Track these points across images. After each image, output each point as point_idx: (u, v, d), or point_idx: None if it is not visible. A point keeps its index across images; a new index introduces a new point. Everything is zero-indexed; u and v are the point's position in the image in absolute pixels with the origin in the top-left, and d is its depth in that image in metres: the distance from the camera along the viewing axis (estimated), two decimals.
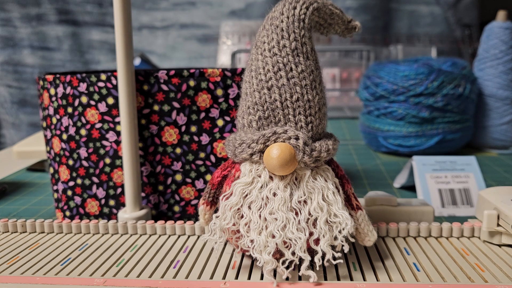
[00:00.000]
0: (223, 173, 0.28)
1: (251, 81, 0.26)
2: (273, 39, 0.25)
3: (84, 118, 0.35)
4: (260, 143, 0.24)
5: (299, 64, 0.25)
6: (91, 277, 0.26)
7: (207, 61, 1.11)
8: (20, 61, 1.15)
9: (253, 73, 0.26)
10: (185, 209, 0.37)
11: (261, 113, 0.25)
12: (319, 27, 0.28)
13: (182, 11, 1.11)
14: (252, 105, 0.25)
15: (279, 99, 0.25)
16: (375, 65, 0.65)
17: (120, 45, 0.33)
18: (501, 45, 0.61)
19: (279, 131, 0.24)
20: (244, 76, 0.27)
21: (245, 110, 0.26)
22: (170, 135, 0.35)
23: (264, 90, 0.25)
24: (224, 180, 0.28)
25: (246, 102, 0.26)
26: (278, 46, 0.25)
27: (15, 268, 0.27)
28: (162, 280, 0.25)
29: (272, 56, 0.25)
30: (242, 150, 0.25)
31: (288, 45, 0.25)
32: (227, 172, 0.27)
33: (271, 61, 0.25)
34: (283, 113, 0.25)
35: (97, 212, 0.37)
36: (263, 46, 0.25)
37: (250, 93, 0.26)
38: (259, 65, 0.25)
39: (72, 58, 1.14)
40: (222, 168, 0.28)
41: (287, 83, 0.25)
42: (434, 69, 0.58)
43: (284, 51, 0.25)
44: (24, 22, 1.12)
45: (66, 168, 0.37)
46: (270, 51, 0.25)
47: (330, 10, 0.27)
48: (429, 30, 1.04)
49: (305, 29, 0.25)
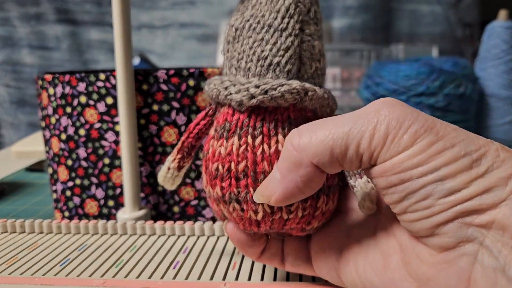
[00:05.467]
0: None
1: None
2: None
3: (83, 118, 0.35)
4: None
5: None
6: (90, 277, 0.25)
7: (206, 61, 1.11)
8: (18, 60, 1.14)
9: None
10: (184, 210, 0.36)
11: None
12: None
13: (181, 10, 1.11)
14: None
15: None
16: (376, 65, 0.64)
17: (119, 44, 0.33)
18: (503, 45, 0.61)
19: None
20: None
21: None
22: (169, 135, 0.35)
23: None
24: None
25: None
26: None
27: (14, 268, 0.27)
28: (162, 281, 0.25)
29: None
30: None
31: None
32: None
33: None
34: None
35: (96, 213, 0.37)
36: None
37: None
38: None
39: (71, 58, 1.14)
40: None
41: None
42: (435, 69, 0.58)
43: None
44: (23, 21, 1.12)
45: (65, 168, 0.36)
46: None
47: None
48: (430, 30, 1.03)
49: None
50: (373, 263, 0.20)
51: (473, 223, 0.17)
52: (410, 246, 0.19)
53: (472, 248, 0.17)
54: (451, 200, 0.17)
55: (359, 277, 0.21)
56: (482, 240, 0.16)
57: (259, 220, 0.21)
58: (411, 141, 0.18)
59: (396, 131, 0.18)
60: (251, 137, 0.21)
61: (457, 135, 0.18)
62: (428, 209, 0.17)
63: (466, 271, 0.17)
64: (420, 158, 0.17)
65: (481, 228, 0.17)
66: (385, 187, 0.18)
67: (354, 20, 1.02)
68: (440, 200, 0.17)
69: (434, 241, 0.18)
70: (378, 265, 0.20)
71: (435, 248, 0.18)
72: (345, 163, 0.19)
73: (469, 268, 0.17)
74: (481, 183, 0.17)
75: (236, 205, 0.21)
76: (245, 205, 0.21)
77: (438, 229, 0.17)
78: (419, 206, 0.18)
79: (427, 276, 0.18)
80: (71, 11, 1.12)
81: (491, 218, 0.16)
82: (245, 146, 0.21)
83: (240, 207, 0.21)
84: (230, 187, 0.21)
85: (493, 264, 0.16)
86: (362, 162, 0.19)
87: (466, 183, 0.17)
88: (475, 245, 0.17)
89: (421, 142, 0.17)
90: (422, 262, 0.18)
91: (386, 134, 0.18)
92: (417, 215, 0.18)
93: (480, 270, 0.16)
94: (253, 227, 0.22)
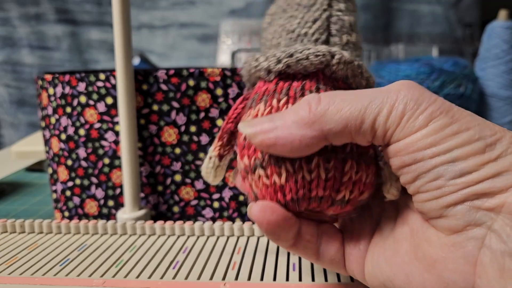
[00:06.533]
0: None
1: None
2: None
3: (83, 118, 0.35)
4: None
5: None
6: (90, 277, 0.25)
7: (206, 61, 1.11)
8: (18, 60, 1.14)
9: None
10: (184, 210, 0.36)
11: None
12: None
13: (181, 10, 1.11)
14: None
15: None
16: (376, 65, 0.64)
17: (119, 44, 0.33)
18: (503, 45, 0.61)
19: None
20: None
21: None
22: (169, 135, 0.35)
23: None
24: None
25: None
26: None
27: (14, 268, 0.27)
28: (162, 281, 0.25)
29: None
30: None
31: None
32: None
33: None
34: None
35: (96, 213, 0.36)
36: None
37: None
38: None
39: (71, 58, 1.14)
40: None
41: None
42: (435, 69, 0.57)
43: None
44: (23, 21, 1.12)
45: (65, 168, 0.36)
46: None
47: None
48: (430, 30, 1.03)
49: None
50: (387, 251, 0.20)
51: (482, 207, 0.17)
52: (421, 230, 0.19)
53: (480, 232, 0.17)
54: (462, 182, 0.17)
55: (374, 272, 0.20)
56: (491, 225, 0.17)
57: (283, 185, 0.20)
58: (426, 122, 0.18)
59: (413, 112, 0.18)
60: (276, 100, 0.21)
61: (472, 120, 0.18)
62: (439, 189, 0.18)
63: (473, 255, 0.17)
64: (433, 139, 0.17)
65: (490, 212, 0.17)
66: (399, 167, 0.19)
67: None
68: (450, 181, 0.17)
69: (443, 223, 0.18)
70: (389, 252, 0.20)
71: (444, 231, 0.18)
72: (357, 136, 0.19)
73: (476, 252, 0.17)
74: (493, 167, 0.17)
75: (261, 171, 0.20)
76: (269, 170, 0.20)
77: (448, 210, 0.17)
78: (431, 186, 0.18)
79: (434, 259, 0.18)
80: (71, 11, 1.12)
81: (500, 201, 0.16)
82: (269, 108, 0.21)
83: (265, 173, 0.20)
84: (254, 153, 0.20)
85: (501, 248, 0.16)
86: (374, 138, 0.19)
87: (478, 165, 0.17)
88: (483, 229, 0.17)
89: (435, 123, 0.18)
90: (430, 245, 0.18)
91: (403, 114, 0.18)
92: (428, 195, 0.18)
93: (488, 254, 0.16)
94: (279, 195, 0.20)
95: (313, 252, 0.22)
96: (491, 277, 0.16)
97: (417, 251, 0.19)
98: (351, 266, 0.22)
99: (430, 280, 0.18)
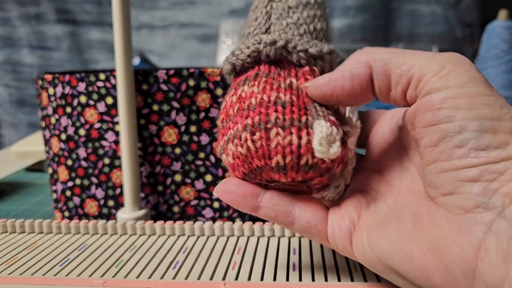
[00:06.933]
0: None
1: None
2: None
3: (83, 118, 0.35)
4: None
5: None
6: (90, 277, 0.25)
7: (206, 61, 1.11)
8: (18, 60, 1.15)
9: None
10: (184, 210, 0.36)
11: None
12: None
13: (181, 10, 1.11)
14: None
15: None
16: None
17: (119, 44, 0.33)
18: (503, 45, 0.61)
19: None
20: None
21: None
22: (169, 135, 0.35)
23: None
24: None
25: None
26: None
27: (14, 268, 0.27)
28: (162, 281, 0.25)
29: None
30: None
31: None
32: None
33: None
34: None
35: (96, 213, 0.37)
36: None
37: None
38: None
39: (71, 58, 1.14)
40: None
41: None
42: None
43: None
44: (23, 21, 1.12)
45: (65, 168, 0.36)
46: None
47: None
48: (430, 30, 1.03)
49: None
50: (386, 229, 0.20)
51: (498, 191, 0.16)
52: (427, 212, 0.19)
53: (488, 218, 0.17)
54: (485, 156, 0.17)
55: (371, 248, 0.20)
56: (501, 211, 0.16)
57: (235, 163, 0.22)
58: (465, 80, 0.18)
59: (455, 67, 0.18)
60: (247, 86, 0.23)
61: (505, 103, 0.18)
62: (461, 158, 0.17)
63: (479, 239, 0.17)
64: (469, 101, 0.17)
65: (504, 197, 0.16)
66: (429, 123, 0.18)
67: (354, 20, 1.02)
68: (474, 152, 0.17)
69: (454, 200, 0.18)
70: (390, 230, 0.20)
71: (453, 209, 0.18)
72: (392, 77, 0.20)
73: (482, 236, 0.17)
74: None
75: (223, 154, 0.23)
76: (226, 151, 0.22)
77: (463, 186, 0.17)
78: (454, 153, 0.17)
79: (438, 241, 0.18)
80: (71, 11, 1.12)
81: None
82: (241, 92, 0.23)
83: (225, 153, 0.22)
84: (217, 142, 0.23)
85: (509, 233, 0.16)
86: (409, 84, 0.19)
87: (504, 143, 0.17)
88: (492, 215, 0.16)
89: (474, 87, 0.17)
90: (436, 227, 0.18)
91: (443, 65, 0.18)
92: (448, 165, 0.18)
93: (494, 239, 0.16)
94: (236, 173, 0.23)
95: (285, 215, 0.22)
96: (493, 262, 0.16)
97: (421, 232, 0.19)
98: (334, 237, 0.22)
99: (431, 260, 0.18)
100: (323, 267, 0.26)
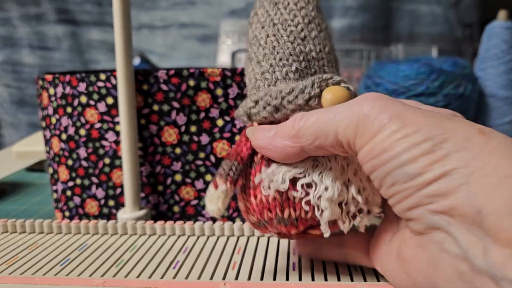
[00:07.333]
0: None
1: (278, 33, 0.25)
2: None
3: (84, 118, 0.35)
4: (316, 87, 0.23)
5: (323, 19, 0.26)
6: (91, 277, 0.25)
7: (206, 61, 1.11)
8: (19, 60, 1.15)
9: (278, 26, 0.25)
10: (184, 210, 0.36)
11: (297, 64, 0.25)
12: None
13: (182, 11, 1.11)
14: (286, 56, 0.25)
15: (314, 49, 0.25)
16: (375, 65, 0.64)
17: (120, 44, 0.33)
18: (502, 45, 0.61)
19: (327, 77, 0.24)
20: (257, 33, 0.26)
21: (277, 63, 0.25)
22: (169, 135, 0.35)
23: (298, 41, 0.25)
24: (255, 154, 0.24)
25: (275, 55, 0.25)
26: (304, 0, 0.26)
27: (14, 268, 0.27)
28: (162, 281, 0.25)
29: (299, 9, 0.26)
30: (296, 96, 0.23)
31: (311, 1, 0.26)
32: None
33: (300, 14, 0.25)
34: (318, 64, 0.25)
35: (96, 213, 0.37)
36: (286, 0, 0.26)
37: (279, 45, 0.25)
38: (286, 18, 0.25)
39: (71, 58, 1.14)
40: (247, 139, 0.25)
41: (318, 35, 0.25)
42: (435, 69, 0.58)
43: (310, 6, 0.26)
44: (23, 21, 1.12)
45: (66, 168, 0.36)
46: (296, 4, 0.26)
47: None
48: (430, 30, 1.03)
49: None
50: (386, 252, 0.22)
51: (437, 210, 0.17)
52: (401, 230, 0.21)
53: (440, 236, 0.17)
54: (414, 185, 0.17)
55: (381, 267, 0.22)
56: (447, 229, 0.17)
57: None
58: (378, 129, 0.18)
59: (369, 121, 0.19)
60: None
61: (425, 121, 0.18)
62: (398, 194, 0.18)
63: (435, 257, 0.17)
64: (385, 145, 0.18)
65: (444, 215, 0.17)
66: (368, 173, 0.20)
67: (354, 20, 1.02)
68: (405, 185, 0.18)
69: (411, 225, 0.19)
70: (385, 251, 0.22)
71: (413, 232, 0.19)
72: (329, 148, 0.20)
73: (437, 254, 0.17)
74: (441, 167, 0.17)
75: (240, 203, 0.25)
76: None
77: (409, 213, 0.18)
78: (392, 191, 0.18)
79: (406, 257, 0.19)
80: (71, 11, 1.12)
81: (452, 203, 0.16)
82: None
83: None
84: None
85: (457, 252, 0.16)
86: (344, 149, 0.20)
87: (426, 166, 0.17)
88: (442, 233, 0.17)
89: (386, 130, 0.18)
90: (406, 245, 0.20)
91: (358, 123, 0.19)
92: (392, 200, 0.19)
93: (447, 257, 0.17)
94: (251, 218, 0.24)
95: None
96: (449, 279, 0.17)
97: (398, 249, 0.20)
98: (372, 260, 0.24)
99: (404, 278, 0.20)
100: (323, 267, 0.26)
